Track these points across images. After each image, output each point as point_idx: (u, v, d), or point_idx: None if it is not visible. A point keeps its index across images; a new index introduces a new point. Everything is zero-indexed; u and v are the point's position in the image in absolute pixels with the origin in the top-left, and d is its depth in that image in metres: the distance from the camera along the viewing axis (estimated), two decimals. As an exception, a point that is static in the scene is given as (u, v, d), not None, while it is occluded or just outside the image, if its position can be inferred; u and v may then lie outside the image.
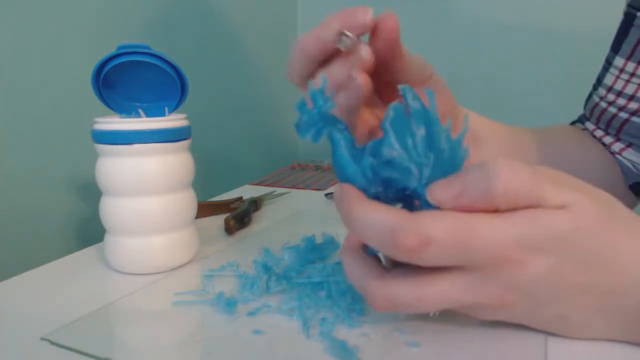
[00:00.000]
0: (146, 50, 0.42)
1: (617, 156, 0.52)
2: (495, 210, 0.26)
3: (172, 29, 0.75)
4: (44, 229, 0.58)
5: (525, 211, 0.27)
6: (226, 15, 0.87)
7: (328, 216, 0.60)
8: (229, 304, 0.35)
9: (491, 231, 0.26)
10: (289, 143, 1.10)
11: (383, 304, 0.28)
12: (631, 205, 0.55)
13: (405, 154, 0.28)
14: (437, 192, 0.27)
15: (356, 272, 0.29)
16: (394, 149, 0.28)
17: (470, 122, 0.37)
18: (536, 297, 0.28)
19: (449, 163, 0.28)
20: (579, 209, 0.27)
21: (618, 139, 0.51)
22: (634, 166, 0.51)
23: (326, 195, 0.68)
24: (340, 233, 0.45)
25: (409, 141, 0.28)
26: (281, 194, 0.70)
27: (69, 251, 0.49)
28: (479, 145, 0.42)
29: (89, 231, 0.62)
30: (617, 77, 0.49)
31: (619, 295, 0.28)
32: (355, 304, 0.35)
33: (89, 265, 0.45)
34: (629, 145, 0.50)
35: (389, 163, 0.28)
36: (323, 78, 0.30)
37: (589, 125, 0.54)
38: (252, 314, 0.35)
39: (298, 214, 0.61)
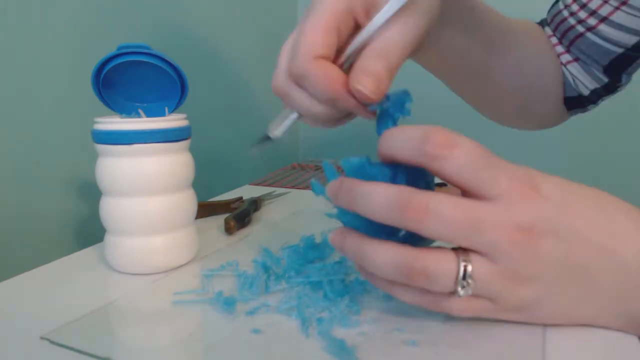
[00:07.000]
0: (146, 50, 0.42)
1: (563, 67, 0.53)
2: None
3: (172, 29, 0.75)
4: (44, 229, 0.58)
5: (518, 196, 0.28)
6: (226, 14, 0.87)
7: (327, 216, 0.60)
8: (228, 304, 0.35)
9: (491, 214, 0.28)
10: (289, 143, 1.10)
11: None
12: (559, 120, 0.57)
13: None
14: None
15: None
16: None
17: None
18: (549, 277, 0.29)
19: None
20: (551, 191, 0.29)
21: (568, 51, 0.53)
22: (573, 80, 0.53)
23: (326, 195, 0.68)
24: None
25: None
26: (281, 194, 0.70)
27: (69, 251, 0.49)
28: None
29: (89, 231, 0.62)
30: None
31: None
32: (353, 304, 0.35)
33: (89, 265, 0.46)
34: (576, 59, 0.52)
35: None
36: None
37: (547, 31, 0.55)
38: (251, 313, 0.35)
39: (298, 214, 0.61)
